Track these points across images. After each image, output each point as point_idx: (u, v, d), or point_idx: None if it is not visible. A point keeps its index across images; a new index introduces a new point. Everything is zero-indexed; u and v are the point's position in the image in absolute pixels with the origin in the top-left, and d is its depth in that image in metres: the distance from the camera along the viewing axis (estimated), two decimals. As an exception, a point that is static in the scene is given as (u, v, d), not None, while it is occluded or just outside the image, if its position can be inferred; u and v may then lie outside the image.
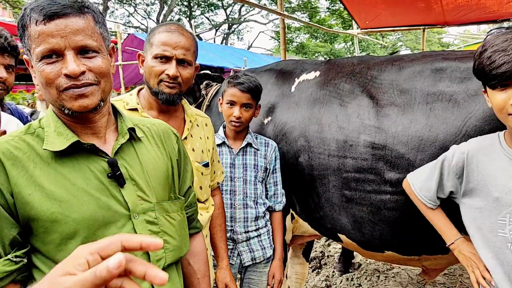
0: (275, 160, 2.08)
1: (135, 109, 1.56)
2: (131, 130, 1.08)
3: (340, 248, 4.14)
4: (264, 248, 2.05)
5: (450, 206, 1.54)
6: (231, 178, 2.00)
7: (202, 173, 1.66)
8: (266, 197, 2.09)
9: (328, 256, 4.19)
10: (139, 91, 1.65)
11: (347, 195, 1.91)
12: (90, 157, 0.99)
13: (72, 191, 0.95)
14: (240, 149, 2.02)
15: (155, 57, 1.49)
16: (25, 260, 0.93)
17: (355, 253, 3.85)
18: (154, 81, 1.51)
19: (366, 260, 4.04)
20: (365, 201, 1.86)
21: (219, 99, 2.03)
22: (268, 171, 2.07)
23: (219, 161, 1.87)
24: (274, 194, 2.10)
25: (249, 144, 2.03)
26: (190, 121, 1.66)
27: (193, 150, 1.64)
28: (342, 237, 2.06)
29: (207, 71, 3.37)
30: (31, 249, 0.95)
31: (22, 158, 0.93)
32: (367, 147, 1.82)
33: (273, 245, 2.09)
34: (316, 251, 4.31)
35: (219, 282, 1.84)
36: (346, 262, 3.80)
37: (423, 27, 6.38)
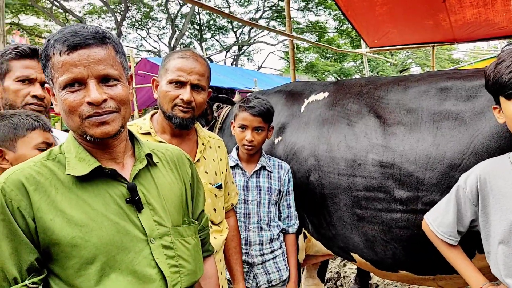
0: (289, 182, 2.08)
1: (148, 133, 1.59)
2: (148, 156, 1.11)
3: (356, 269, 4.06)
4: (280, 270, 2.03)
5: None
6: (244, 201, 2.00)
7: (215, 195, 1.67)
8: (279, 219, 2.09)
9: (344, 277, 4.12)
10: (152, 115, 1.68)
11: (358, 213, 1.91)
12: (110, 182, 1.02)
13: (92, 216, 0.96)
14: (253, 172, 2.03)
15: (170, 82, 1.53)
16: (41, 287, 0.94)
17: (371, 273, 3.77)
18: (168, 105, 1.54)
19: (383, 281, 3.96)
20: (376, 219, 1.86)
21: (232, 122, 2.06)
22: (281, 193, 2.07)
23: (233, 183, 1.88)
24: (288, 216, 2.09)
25: (262, 167, 2.04)
26: (203, 143, 1.68)
27: (206, 172, 1.65)
28: (355, 256, 2.04)
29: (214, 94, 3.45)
30: (50, 275, 0.96)
31: (44, 184, 0.95)
32: (376, 166, 1.84)
33: (288, 267, 2.08)
34: (331, 271, 4.24)
35: None
36: (362, 283, 3.72)
37: (432, 44, 6.41)
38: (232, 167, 2.00)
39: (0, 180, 0.94)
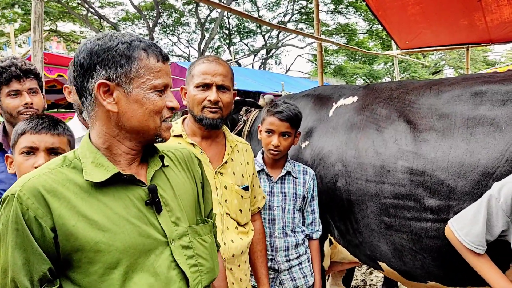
0: (313, 188, 2.06)
1: (180, 136, 1.67)
2: (161, 158, 1.13)
3: (382, 277, 3.96)
4: (306, 276, 2.01)
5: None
6: (269, 207, 1.99)
7: (242, 196, 1.70)
8: (303, 225, 2.07)
9: (370, 286, 4.02)
10: (183, 119, 1.76)
11: (386, 221, 1.86)
12: (128, 185, 1.03)
13: (114, 220, 0.97)
14: (279, 177, 2.02)
15: (197, 86, 1.62)
16: None
17: (398, 282, 3.67)
18: (197, 108, 1.62)
19: (412, 290, 3.84)
20: (405, 228, 1.80)
21: (259, 126, 2.07)
22: (306, 199, 2.05)
23: (259, 187, 1.90)
24: (312, 222, 2.08)
25: (288, 173, 2.03)
26: (231, 146, 1.74)
27: (233, 174, 1.70)
28: (383, 265, 1.99)
29: (239, 98, 3.48)
30: (69, 283, 0.95)
31: (62, 190, 0.95)
32: (405, 173, 1.78)
33: (313, 273, 2.05)
34: (357, 279, 4.15)
35: None
36: (389, 292, 3.62)
37: (467, 45, 6.19)
38: (258, 172, 2.01)
39: (16, 187, 0.94)
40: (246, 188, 1.73)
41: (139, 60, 1.02)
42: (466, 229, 1.45)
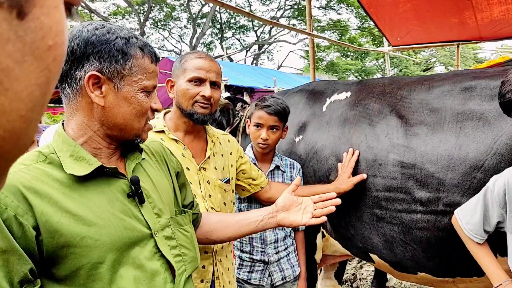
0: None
1: (162, 131, 1.65)
2: (140, 151, 1.13)
3: (373, 271, 4.02)
4: (293, 266, 2.06)
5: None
6: None
7: (224, 190, 1.72)
8: None
9: (360, 279, 4.08)
10: (164, 114, 1.74)
11: (378, 214, 1.89)
12: (109, 178, 1.01)
13: (99, 214, 0.94)
14: (268, 172, 2.06)
15: (190, 81, 1.60)
16: None
17: (388, 276, 3.72)
18: (188, 103, 1.60)
19: (401, 283, 3.90)
20: (396, 220, 1.84)
21: (247, 121, 2.09)
22: None
23: (258, 170, 1.94)
24: None
25: (276, 167, 2.08)
26: (212, 141, 1.74)
27: (215, 168, 1.71)
28: (374, 257, 2.02)
29: (228, 94, 3.50)
30: (53, 282, 0.90)
31: (42, 186, 0.90)
32: (396, 166, 1.82)
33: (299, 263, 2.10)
34: (347, 273, 4.20)
35: None
36: (379, 285, 3.68)
37: (458, 42, 6.26)
38: None
39: None
40: (227, 182, 1.74)
41: (135, 58, 1.01)
42: (467, 218, 1.52)
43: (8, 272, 0.82)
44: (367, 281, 3.99)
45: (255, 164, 2.05)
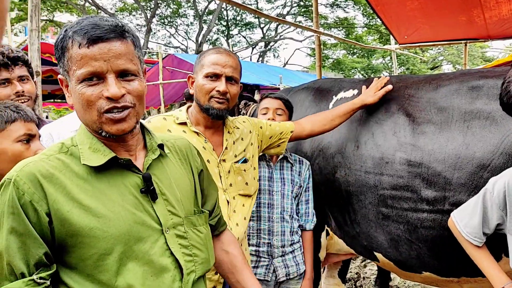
0: (309, 178, 2.12)
1: (185, 123, 1.69)
2: (160, 147, 1.11)
3: (376, 270, 4.01)
4: (298, 264, 2.06)
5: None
6: (269, 192, 2.03)
7: (244, 170, 1.75)
8: (297, 215, 2.12)
9: (364, 278, 4.07)
10: (187, 108, 1.78)
11: (384, 212, 1.89)
12: (124, 172, 1.02)
13: (110, 207, 0.96)
14: (277, 162, 2.08)
15: (206, 76, 1.63)
16: (48, 283, 0.92)
17: (392, 275, 3.71)
18: (205, 98, 1.64)
19: (405, 282, 3.89)
20: (401, 218, 1.84)
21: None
22: (301, 188, 2.10)
23: (279, 122, 1.99)
24: (306, 212, 2.12)
25: (285, 158, 2.09)
26: (229, 131, 1.77)
27: (235, 156, 1.75)
28: (378, 255, 2.02)
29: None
30: (65, 269, 0.95)
31: (59, 176, 0.94)
32: (403, 165, 1.82)
33: (305, 263, 2.10)
34: (351, 272, 4.20)
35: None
36: (383, 285, 3.67)
37: (465, 41, 6.20)
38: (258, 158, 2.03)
39: (13, 173, 0.93)
40: (244, 161, 1.77)
41: (67, 50, 0.95)
42: (465, 221, 1.49)
43: (25, 255, 0.90)
44: (370, 280, 3.98)
45: (264, 156, 2.06)
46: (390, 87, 2.00)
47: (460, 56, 19.03)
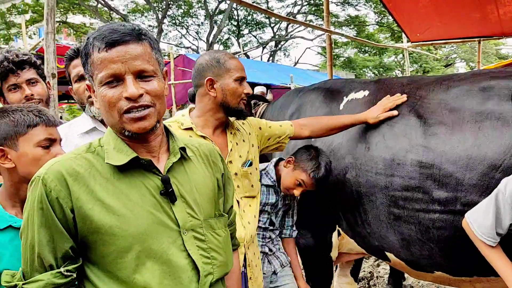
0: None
1: (190, 129, 1.69)
2: (182, 150, 1.13)
3: (389, 269, 3.99)
4: (284, 253, 2.17)
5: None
6: (268, 213, 2.09)
7: (250, 173, 1.81)
8: (283, 226, 2.23)
9: (377, 277, 4.06)
10: (189, 111, 1.79)
11: (395, 213, 1.90)
12: (145, 174, 1.05)
13: (129, 206, 1.00)
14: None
15: (236, 80, 1.70)
16: (75, 276, 0.98)
17: (406, 274, 3.69)
18: (236, 100, 1.71)
19: (418, 282, 3.87)
20: (413, 219, 1.84)
21: (289, 160, 2.07)
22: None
23: (281, 126, 2.01)
24: (292, 224, 2.23)
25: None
26: (231, 132, 1.80)
27: (240, 156, 1.78)
28: (390, 255, 2.02)
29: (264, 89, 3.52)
30: (87, 264, 1.00)
31: (84, 174, 0.99)
32: (415, 166, 1.82)
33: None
34: (364, 271, 4.19)
35: None
36: (396, 284, 3.65)
37: (479, 38, 6.12)
38: (267, 186, 2.07)
39: (41, 171, 0.99)
40: (250, 164, 1.81)
41: (89, 56, 1.01)
42: (478, 221, 1.51)
43: (53, 248, 0.97)
44: (384, 280, 3.97)
45: (274, 186, 2.08)
46: (395, 112, 1.97)
47: (473, 54, 18.74)
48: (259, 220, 2.02)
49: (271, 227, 2.11)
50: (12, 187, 1.34)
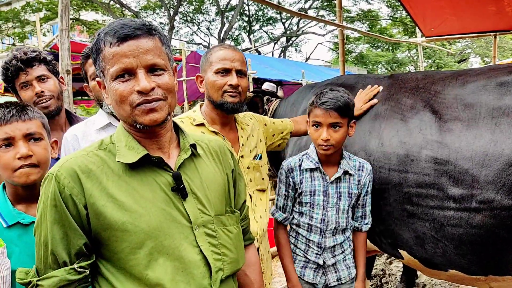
0: (369, 183, 1.90)
1: (202, 124, 1.70)
2: (192, 147, 1.14)
3: (402, 267, 3.96)
4: (349, 267, 1.90)
5: None
6: (323, 207, 1.83)
7: (261, 166, 1.81)
8: (352, 218, 1.94)
9: (389, 275, 4.03)
10: (200, 107, 1.79)
11: (409, 209, 1.88)
12: (156, 170, 1.06)
13: (141, 203, 1.01)
14: (335, 178, 1.84)
15: (217, 72, 1.65)
16: (88, 272, 0.99)
17: (419, 272, 3.66)
18: (218, 93, 1.65)
19: (431, 280, 3.83)
20: (427, 216, 1.82)
21: (307, 121, 1.88)
22: (360, 195, 1.91)
23: (282, 121, 2.08)
24: (362, 215, 1.94)
25: (345, 172, 1.84)
26: (242, 128, 1.80)
27: (250, 151, 1.79)
28: (403, 253, 2.00)
29: (273, 85, 3.53)
30: (100, 260, 1.02)
31: (96, 172, 1.00)
32: (429, 162, 1.80)
33: (356, 265, 1.95)
34: (376, 268, 4.17)
35: None
36: (409, 282, 3.63)
37: (494, 33, 5.99)
38: (311, 170, 1.83)
39: (55, 168, 1.00)
40: (260, 158, 1.82)
41: (101, 51, 1.02)
42: None
43: (67, 245, 0.98)
44: (396, 277, 3.94)
45: (318, 168, 1.83)
46: (375, 101, 2.08)
47: (489, 49, 18.38)
48: (338, 225, 1.85)
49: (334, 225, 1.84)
50: (10, 187, 1.34)
